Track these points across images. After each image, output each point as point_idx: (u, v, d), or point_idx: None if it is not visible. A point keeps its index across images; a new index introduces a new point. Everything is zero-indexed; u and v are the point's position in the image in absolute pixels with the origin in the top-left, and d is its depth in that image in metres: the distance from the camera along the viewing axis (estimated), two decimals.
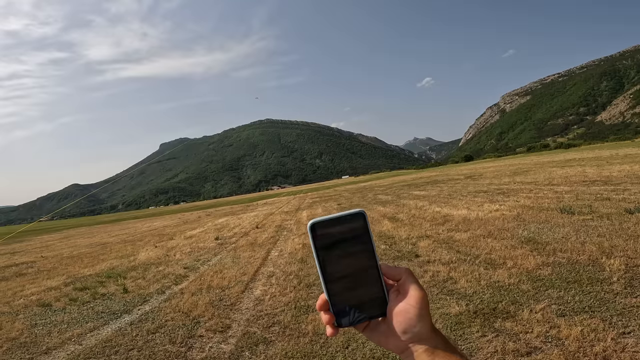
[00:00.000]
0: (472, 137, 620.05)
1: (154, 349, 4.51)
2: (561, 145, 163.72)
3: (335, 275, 0.63)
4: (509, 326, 3.87)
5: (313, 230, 0.62)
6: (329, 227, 0.62)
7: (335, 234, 0.62)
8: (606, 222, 7.58)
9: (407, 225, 10.77)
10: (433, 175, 49.76)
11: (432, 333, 0.61)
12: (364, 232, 0.63)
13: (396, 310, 0.62)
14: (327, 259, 0.62)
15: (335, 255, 0.62)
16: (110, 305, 6.56)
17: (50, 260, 14.36)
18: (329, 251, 0.62)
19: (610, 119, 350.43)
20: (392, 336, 0.63)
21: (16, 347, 5.01)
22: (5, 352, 4.84)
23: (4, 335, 5.48)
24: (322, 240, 0.62)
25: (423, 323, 0.61)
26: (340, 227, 0.62)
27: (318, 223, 0.62)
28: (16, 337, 5.40)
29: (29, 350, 4.86)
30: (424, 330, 0.61)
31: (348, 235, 0.63)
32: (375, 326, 0.66)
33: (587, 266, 5.25)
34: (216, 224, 22.24)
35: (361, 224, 0.63)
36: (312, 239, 0.62)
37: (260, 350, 4.23)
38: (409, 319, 0.61)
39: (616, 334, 3.43)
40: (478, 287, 5.07)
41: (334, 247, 0.62)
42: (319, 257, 0.62)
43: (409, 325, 0.61)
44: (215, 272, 8.19)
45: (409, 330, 0.61)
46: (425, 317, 0.61)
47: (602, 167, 20.41)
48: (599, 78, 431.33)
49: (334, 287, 0.63)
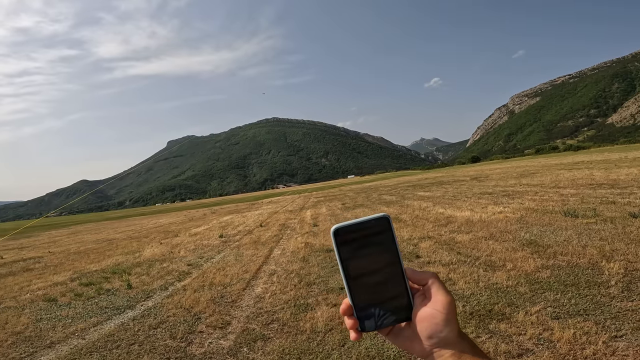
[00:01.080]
0: (479, 138, 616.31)
1: (154, 344, 4.61)
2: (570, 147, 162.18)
3: (359, 280, 0.62)
4: (503, 328, 3.90)
5: (336, 235, 0.61)
6: (352, 232, 0.61)
7: (359, 239, 0.62)
8: (609, 225, 7.55)
9: (409, 226, 10.80)
10: (439, 176, 49.60)
11: (459, 338, 0.61)
12: (389, 236, 0.62)
13: (422, 315, 0.62)
14: (351, 263, 0.62)
15: (359, 260, 0.62)
16: (114, 301, 6.68)
17: (57, 255, 14.59)
18: (352, 256, 0.62)
19: (621, 121, 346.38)
20: (417, 341, 0.62)
21: (20, 341, 5.13)
22: (10, 346, 4.95)
23: (9, 330, 5.61)
24: (345, 245, 0.61)
25: (450, 328, 0.60)
26: (364, 231, 0.62)
27: (342, 228, 0.61)
28: (21, 331, 5.53)
29: (32, 344, 4.97)
30: (451, 335, 0.60)
31: (372, 239, 0.62)
32: (399, 331, 0.65)
33: (586, 269, 5.25)
34: (221, 221, 22.41)
35: (386, 228, 0.62)
36: (336, 244, 0.61)
37: (259, 346, 4.30)
38: (435, 324, 0.60)
39: (608, 338, 3.45)
40: (476, 289, 5.10)
41: (358, 252, 0.62)
42: (343, 262, 0.62)
43: (435, 330, 0.60)
44: (217, 269, 8.29)
45: (435, 335, 0.60)
46: (452, 321, 0.60)
47: (610, 170, 20.23)
48: (611, 80, 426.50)
49: (358, 292, 0.63)
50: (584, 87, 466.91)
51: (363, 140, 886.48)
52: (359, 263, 0.62)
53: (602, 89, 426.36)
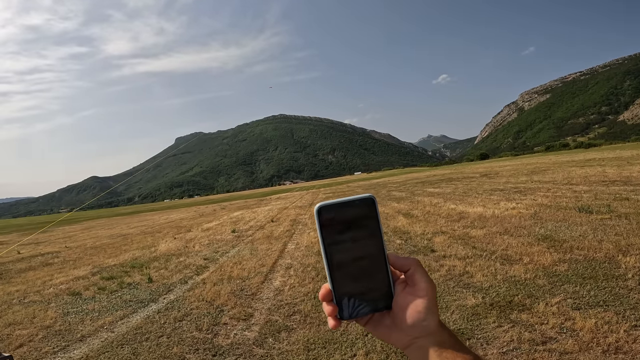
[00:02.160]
0: (488, 135, 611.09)
1: (182, 336, 4.76)
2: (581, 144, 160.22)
3: (341, 264, 0.60)
4: (525, 318, 4.00)
5: (319, 214, 0.59)
6: (336, 211, 0.59)
7: (342, 220, 0.59)
8: (624, 221, 7.58)
9: (422, 221, 10.87)
10: (447, 172, 49.42)
11: (439, 328, 0.59)
12: (373, 219, 0.60)
13: (403, 303, 0.60)
14: (333, 246, 0.59)
15: (341, 242, 0.59)
16: (137, 294, 6.86)
17: (74, 250, 14.88)
18: (335, 237, 0.59)
19: (633, 118, 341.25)
20: (396, 330, 0.60)
21: (52, 334, 5.28)
22: (41, 340, 5.11)
23: (38, 324, 5.77)
24: (328, 225, 0.59)
25: (431, 317, 0.58)
26: (349, 212, 0.59)
27: (325, 207, 0.59)
28: (50, 325, 5.68)
29: (64, 338, 5.12)
30: (432, 325, 0.58)
31: (356, 221, 0.59)
32: (379, 319, 0.63)
33: (603, 263, 5.31)
34: (232, 217, 22.63)
35: (370, 210, 0.60)
36: (319, 223, 0.59)
37: (283, 337, 4.43)
38: (417, 312, 0.58)
39: (629, 327, 3.54)
40: (494, 281, 5.18)
41: (341, 234, 0.59)
42: (325, 244, 0.59)
43: (416, 319, 0.58)
44: (234, 263, 8.45)
45: (417, 324, 0.58)
46: (433, 310, 0.59)
47: (622, 168, 20.07)
48: (622, 77, 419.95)
49: (339, 277, 0.60)
50: (595, 84, 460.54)
51: (370, 137, 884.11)
52: (342, 245, 0.59)
53: (613, 86, 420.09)
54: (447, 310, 4.49)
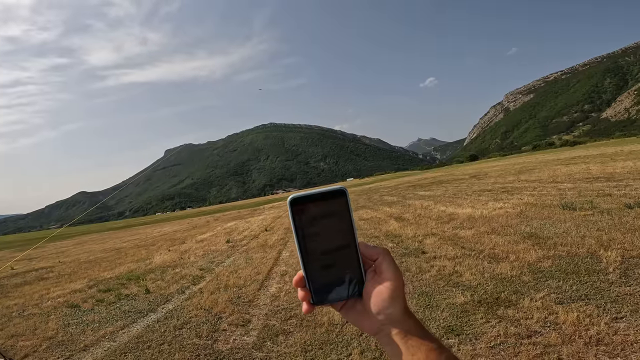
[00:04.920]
0: (476, 136, 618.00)
1: (182, 343, 4.88)
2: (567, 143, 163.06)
3: (314, 252, 0.62)
4: (511, 313, 4.21)
5: (292, 205, 0.62)
6: (309, 203, 0.62)
7: (315, 210, 0.62)
8: (606, 217, 7.87)
9: (413, 224, 11.10)
10: (438, 175, 49.96)
11: (404, 316, 0.61)
12: (344, 210, 0.62)
13: (370, 291, 0.62)
14: (306, 235, 0.62)
15: (314, 232, 0.62)
16: (136, 305, 6.95)
17: (68, 265, 14.83)
18: (307, 227, 0.62)
19: (616, 115, 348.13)
20: (366, 317, 0.63)
21: (55, 345, 5.39)
22: (45, 350, 5.21)
23: (40, 335, 5.87)
24: (301, 216, 0.61)
25: (396, 305, 0.60)
26: (321, 203, 0.62)
27: (298, 198, 0.62)
28: (53, 336, 5.78)
29: (67, 348, 5.22)
30: (397, 312, 0.60)
31: (328, 212, 0.62)
32: (351, 306, 0.65)
33: (585, 258, 5.56)
34: (225, 227, 22.66)
35: (342, 202, 0.62)
36: (292, 214, 0.62)
37: (281, 340, 4.58)
38: (382, 300, 0.60)
39: (609, 319, 3.73)
40: (482, 279, 5.40)
41: (313, 224, 0.62)
42: (298, 233, 0.62)
43: (382, 306, 0.60)
44: (230, 272, 8.57)
45: (382, 312, 0.61)
46: (397, 299, 0.61)
47: (605, 164, 20.59)
48: (603, 75, 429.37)
49: (312, 264, 0.63)
50: (577, 82, 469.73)
51: (361, 143, 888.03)
52: (314, 235, 0.62)
53: (594, 84, 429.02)
54: (437, 309, 4.68)
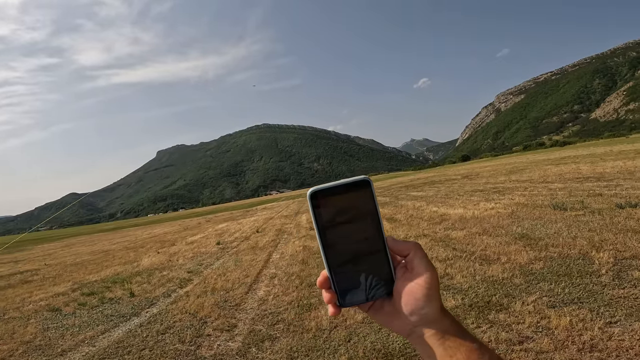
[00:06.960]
0: (468, 137, 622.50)
1: (164, 348, 4.71)
2: (557, 143, 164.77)
3: (338, 250, 0.58)
4: (502, 318, 4.09)
5: (313, 199, 0.57)
6: (331, 195, 0.57)
7: (337, 204, 0.57)
8: (597, 217, 7.81)
9: (405, 225, 11.00)
10: (430, 175, 50.07)
11: (441, 315, 0.56)
12: (369, 202, 0.57)
13: (402, 290, 0.57)
14: (329, 231, 0.57)
15: (337, 227, 0.57)
16: (119, 309, 6.75)
17: (54, 267, 14.52)
18: (330, 223, 0.57)
19: (605, 115, 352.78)
20: (397, 317, 0.58)
21: (32, 349, 5.20)
22: (21, 355, 5.02)
23: (18, 339, 5.67)
24: (323, 210, 0.56)
25: (432, 304, 0.56)
26: (344, 196, 0.57)
27: (319, 191, 0.57)
28: (30, 340, 5.59)
29: (44, 353, 5.03)
30: (433, 312, 0.56)
31: (352, 205, 0.57)
32: (380, 306, 0.61)
33: (577, 260, 5.47)
34: (217, 229, 22.41)
35: (366, 193, 0.57)
36: (312, 208, 0.56)
37: (266, 346, 4.43)
38: (416, 299, 0.56)
39: (603, 324, 3.61)
40: (473, 282, 5.29)
41: (337, 219, 0.57)
42: (320, 230, 0.57)
43: (416, 306, 0.56)
44: (218, 275, 8.39)
45: (416, 312, 0.56)
46: (434, 297, 0.56)
47: (595, 164, 20.70)
48: (592, 76, 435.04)
49: (337, 263, 0.58)
50: (567, 83, 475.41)
51: (354, 143, 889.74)
52: (337, 231, 0.57)
53: (584, 85, 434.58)
54: None
